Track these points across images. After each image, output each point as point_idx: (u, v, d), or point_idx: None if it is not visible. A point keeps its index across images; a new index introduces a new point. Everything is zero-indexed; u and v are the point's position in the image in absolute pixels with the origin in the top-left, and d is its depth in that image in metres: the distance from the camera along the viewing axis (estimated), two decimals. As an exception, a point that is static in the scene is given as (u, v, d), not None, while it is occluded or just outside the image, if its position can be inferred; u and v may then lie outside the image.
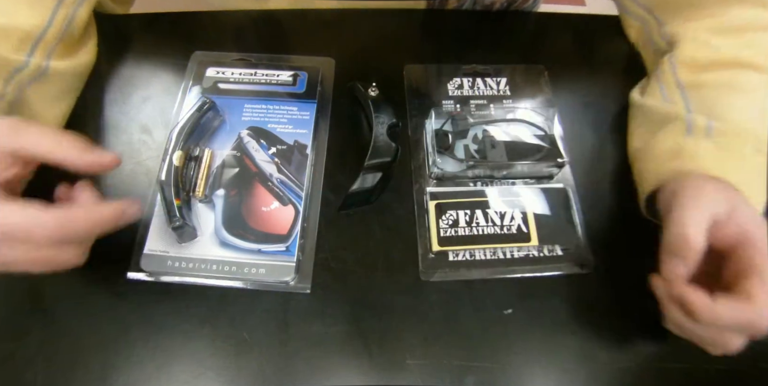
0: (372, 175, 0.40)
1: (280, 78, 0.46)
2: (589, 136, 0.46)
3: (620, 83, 0.49)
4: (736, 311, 0.30)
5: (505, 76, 0.48)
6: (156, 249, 0.37)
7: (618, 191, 0.43)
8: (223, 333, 0.36)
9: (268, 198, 0.40)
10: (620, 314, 0.38)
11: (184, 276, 0.37)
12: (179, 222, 0.36)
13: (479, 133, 0.44)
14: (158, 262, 0.37)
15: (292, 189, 0.40)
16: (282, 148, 0.42)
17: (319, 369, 0.35)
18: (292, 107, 0.44)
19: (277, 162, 0.41)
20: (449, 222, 0.40)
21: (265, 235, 0.38)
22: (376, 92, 0.44)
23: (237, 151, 0.42)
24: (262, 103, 0.44)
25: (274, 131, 0.43)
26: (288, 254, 0.38)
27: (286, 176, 0.41)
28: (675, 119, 0.39)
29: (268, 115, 0.44)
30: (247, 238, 0.38)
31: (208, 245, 0.38)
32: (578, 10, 1.53)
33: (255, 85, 0.46)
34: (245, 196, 0.40)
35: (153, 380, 0.34)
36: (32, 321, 0.36)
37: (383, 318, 0.37)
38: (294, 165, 0.41)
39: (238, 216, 0.39)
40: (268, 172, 0.41)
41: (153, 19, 0.52)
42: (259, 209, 0.39)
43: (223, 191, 0.40)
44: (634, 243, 0.41)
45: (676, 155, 0.38)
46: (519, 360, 0.36)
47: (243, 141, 0.42)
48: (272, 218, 0.39)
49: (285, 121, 0.44)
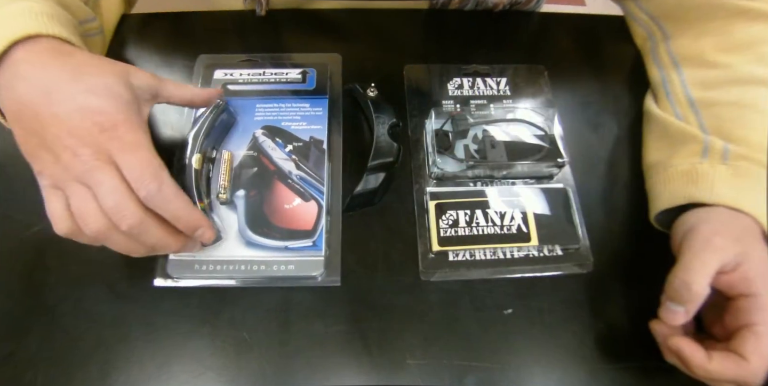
0: (375, 175, 0.40)
1: (289, 76, 0.46)
2: (589, 136, 0.46)
3: (620, 83, 0.49)
4: (729, 370, 0.31)
5: (505, 76, 0.48)
6: (182, 254, 0.37)
7: (618, 191, 0.43)
8: (223, 333, 0.36)
9: (290, 196, 0.40)
10: (620, 314, 0.38)
11: (213, 278, 0.37)
12: None
13: (479, 133, 0.44)
14: (185, 267, 0.37)
15: (312, 184, 0.40)
16: (298, 145, 0.42)
17: (319, 369, 0.35)
18: (304, 104, 0.44)
19: (295, 159, 0.41)
20: (449, 222, 0.40)
21: (290, 232, 0.38)
22: (375, 93, 0.44)
23: (253, 151, 0.42)
24: (273, 102, 0.44)
25: (289, 129, 0.43)
26: (315, 249, 0.38)
27: (305, 172, 0.41)
28: (692, 140, 0.39)
29: (281, 114, 0.44)
30: (272, 236, 0.38)
31: (233, 246, 0.38)
32: (578, 10, 1.53)
33: (265, 85, 0.46)
34: (266, 195, 0.40)
35: (153, 380, 0.34)
36: (32, 321, 0.36)
37: (383, 318, 0.37)
38: (312, 161, 0.41)
39: (261, 215, 0.39)
40: (286, 170, 0.41)
41: (156, 19, 0.52)
42: (282, 207, 0.39)
43: (243, 192, 0.40)
44: (634, 244, 0.41)
45: (691, 180, 0.37)
46: (519, 360, 0.36)
47: (258, 140, 0.42)
48: (296, 215, 0.39)
49: (298, 118, 0.44)
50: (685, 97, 0.42)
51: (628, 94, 0.49)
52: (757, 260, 0.33)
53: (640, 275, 0.40)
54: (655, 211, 0.39)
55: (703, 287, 0.32)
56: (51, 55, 0.31)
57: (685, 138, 0.40)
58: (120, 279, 0.37)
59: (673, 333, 0.33)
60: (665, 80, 0.44)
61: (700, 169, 0.37)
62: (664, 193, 0.39)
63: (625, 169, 0.44)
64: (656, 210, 0.39)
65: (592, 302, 0.38)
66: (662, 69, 0.45)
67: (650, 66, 0.47)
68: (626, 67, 0.51)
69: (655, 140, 0.43)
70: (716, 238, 0.33)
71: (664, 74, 0.45)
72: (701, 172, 0.37)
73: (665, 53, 0.46)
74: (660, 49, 0.47)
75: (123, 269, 0.38)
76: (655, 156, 0.42)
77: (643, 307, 0.36)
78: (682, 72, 0.43)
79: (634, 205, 0.43)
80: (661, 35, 0.47)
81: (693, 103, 0.41)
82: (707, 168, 0.37)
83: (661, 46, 0.46)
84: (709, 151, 0.38)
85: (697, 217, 0.36)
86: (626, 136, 0.46)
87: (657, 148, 0.42)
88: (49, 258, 0.38)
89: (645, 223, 0.41)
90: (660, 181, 0.40)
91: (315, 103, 0.44)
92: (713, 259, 0.32)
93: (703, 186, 0.37)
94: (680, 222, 0.37)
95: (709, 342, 0.34)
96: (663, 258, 0.37)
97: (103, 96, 0.31)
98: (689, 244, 0.34)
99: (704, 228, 0.34)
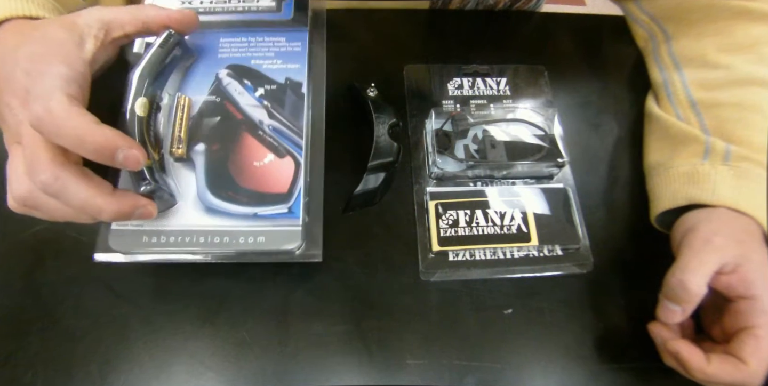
0: (375, 175, 0.40)
1: (261, 3, 0.38)
2: (589, 136, 0.46)
3: (620, 83, 0.49)
4: (728, 373, 0.31)
5: (505, 76, 0.48)
6: (126, 223, 0.31)
7: (618, 191, 0.43)
8: (223, 333, 0.36)
9: (261, 151, 0.33)
10: (620, 314, 0.38)
11: (165, 253, 0.31)
12: (151, 187, 0.30)
13: (479, 133, 0.44)
14: (131, 239, 0.31)
15: (288, 137, 0.34)
16: (271, 88, 0.35)
17: (319, 369, 0.35)
18: (279, 38, 0.37)
19: (267, 105, 0.35)
20: (449, 222, 0.40)
21: (261, 195, 0.32)
22: (375, 92, 0.44)
23: (216, 96, 0.35)
24: (241, 36, 0.37)
25: (260, 68, 0.36)
26: (291, 216, 0.32)
27: (279, 122, 0.34)
28: (693, 141, 0.39)
29: (251, 50, 0.37)
30: (238, 201, 0.32)
31: (190, 213, 0.32)
32: (578, 10, 1.53)
33: (231, 15, 0.38)
34: (231, 150, 0.33)
35: (153, 380, 0.34)
36: (32, 321, 0.36)
37: (383, 318, 0.37)
38: (288, 108, 0.35)
39: (225, 174, 0.33)
40: (257, 119, 0.34)
41: None
42: (251, 164, 0.33)
43: (204, 146, 0.33)
44: (634, 243, 0.41)
45: (692, 180, 0.37)
46: (519, 360, 0.36)
47: (222, 83, 0.35)
48: (267, 174, 0.33)
49: (272, 55, 0.37)
50: (687, 97, 0.42)
51: (628, 94, 0.49)
52: (757, 262, 0.33)
53: (640, 275, 0.40)
54: (656, 212, 0.39)
55: (700, 287, 0.32)
56: (16, 30, 0.32)
57: (686, 139, 0.40)
58: (119, 279, 0.37)
59: (671, 337, 0.33)
60: (667, 81, 0.44)
61: (702, 169, 0.37)
62: (665, 193, 0.39)
63: (625, 169, 0.44)
64: (657, 211, 0.39)
65: (592, 302, 0.38)
66: (664, 70, 0.45)
67: (652, 67, 0.47)
68: (626, 67, 0.51)
69: (657, 141, 0.43)
70: (716, 238, 0.33)
71: (665, 75, 0.45)
72: (702, 172, 0.37)
73: (666, 54, 0.46)
74: (661, 50, 0.47)
75: (122, 269, 0.38)
76: (657, 157, 0.42)
77: (642, 307, 0.36)
78: (684, 73, 0.43)
79: (634, 205, 0.43)
80: (663, 36, 0.47)
81: (694, 104, 0.41)
82: (708, 169, 0.37)
83: (663, 48, 0.46)
84: (710, 152, 0.38)
85: (697, 218, 0.36)
86: (626, 136, 0.46)
87: (658, 149, 0.42)
88: (49, 258, 0.38)
89: (645, 223, 0.41)
90: (661, 182, 0.40)
91: (292, 37, 0.37)
92: (712, 259, 0.32)
93: (705, 187, 0.37)
94: (680, 222, 0.37)
95: (708, 344, 0.34)
96: (663, 258, 0.37)
97: (39, 43, 0.29)
98: (689, 244, 0.34)
99: (704, 228, 0.34)
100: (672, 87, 0.44)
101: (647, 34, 0.49)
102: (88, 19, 0.31)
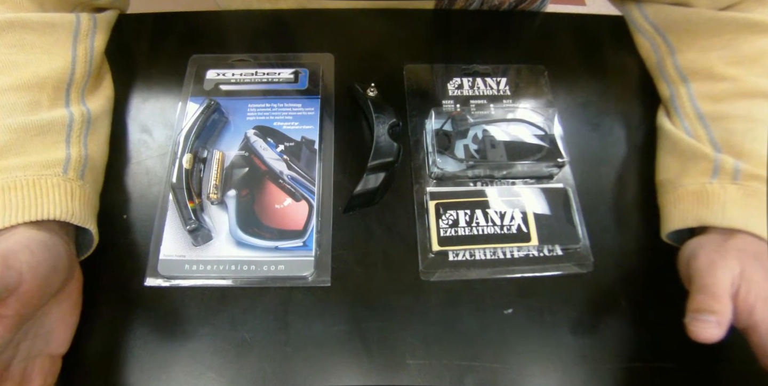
0: (375, 175, 0.40)
1: (282, 76, 0.46)
2: (589, 136, 0.46)
3: (620, 83, 0.49)
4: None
5: (506, 76, 0.48)
6: (172, 253, 0.37)
7: (618, 191, 0.43)
8: (223, 333, 0.36)
9: (281, 196, 0.40)
10: (620, 314, 0.38)
11: (203, 278, 0.37)
12: (195, 225, 0.37)
13: (479, 133, 0.44)
14: (175, 267, 0.37)
15: (303, 184, 0.41)
16: (290, 145, 0.42)
17: (319, 369, 0.35)
18: (296, 104, 0.45)
19: (286, 159, 0.42)
20: (449, 222, 0.40)
21: (281, 232, 0.39)
22: (375, 92, 0.44)
23: (245, 151, 0.42)
24: (265, 102, 0.45)
25: (281, 129, 0.43)
26: (306, 249, 0.38)
27: (296, 172, 0.41)
28: (702, 158, 0.39)
29: (273, 113, 0.44)
30: (262, 236, 0.38)
31: (224, 246, 0.38)
32: (578, 10, 1.53)
33: (257, 85, 0.46)
34: (257, 195, 0.40)
35: (153, 380, 0.34)
36: (32, 321, 0.36)
37: (383, 318, 0.37)
38: (303, 161, 0.42)
39: (252, 215, 0.39)
40: (278, 170, 0.41)
41: (150, 19, 0.52)
42: (272, 207, 0.40)
43: (234, 192, 0.40)
44: (634, 243, 0.41)
45: (701, 201, 0.37)
46: (519, 360, 0.36)
47: (250, 140, 0.43)
48: (286, 215, 0.39)
49: (290, 118, 0.44)
50: (694, 110, 0.41)
51: (628, 94, 0.49)
52: (758, 285, 0.32)
53: (640, 275, 0.40)
54: (666, 231, 0.39)
55: (725, 284, 0.31)
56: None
57: (695, 155, 0.39)
58: (118, 279, 0.37)
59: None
60: (674, 95, 0.44)
61: (710, 189, 0.37)
62: (674, 213, 0.38)
63: (626, 169, 0.44)
64: (667, 230, 0.39)
65: (592, 302, 0.38)
66: (670, 84, 0.45)
67: (658, 81, 0.47)
68: (626, 67, 0.51)
69: (665, 156, 0.42)
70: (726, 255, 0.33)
71: (672, 89, 0.45)
72: (711, 192, 0.37)
73: (672, 68, 0.45)
74: (667, 64, 0.46)
75: (121, 269, 0.38)
76: (666, 173, 0.41)
77: (642, 307, 0.36)
78: (690, 86, 0.43)
79: (634, 205, 0.43)
80: (666, 49, 0.46)
81: (702, 117, 0.41)
82: (717, 188, 0.36)
83: (668, 61, 0.46)
84: (719, 170, 0.37)
85: (702, 241, 0.35)
86: (626, 136, 0.46)
87: (667, 164, 0.42)
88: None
89: (645, 223, 0.41)
90: (670, 201, 0.39)
91: (307, 103, 0.45)
92: (729, 264, 0.32)
93: (714, 208, 0.36)
94: (687, 246, 0.36)
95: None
96: (663, 258, 0.37)
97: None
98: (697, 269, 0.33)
99: (707, 257, 0.34)
100: (679, 100, 0.43)
101: (650, 44, 0.48)
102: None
